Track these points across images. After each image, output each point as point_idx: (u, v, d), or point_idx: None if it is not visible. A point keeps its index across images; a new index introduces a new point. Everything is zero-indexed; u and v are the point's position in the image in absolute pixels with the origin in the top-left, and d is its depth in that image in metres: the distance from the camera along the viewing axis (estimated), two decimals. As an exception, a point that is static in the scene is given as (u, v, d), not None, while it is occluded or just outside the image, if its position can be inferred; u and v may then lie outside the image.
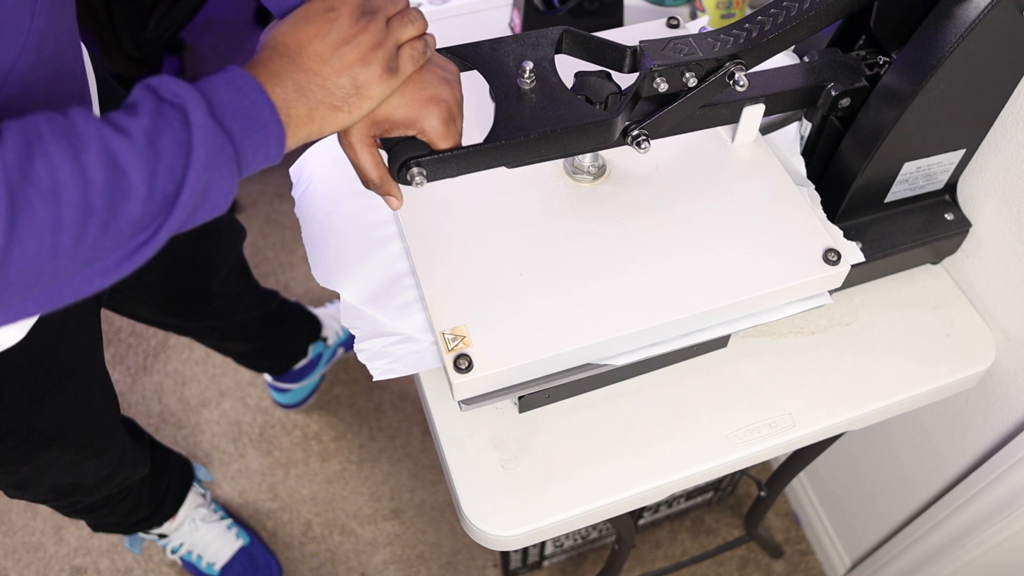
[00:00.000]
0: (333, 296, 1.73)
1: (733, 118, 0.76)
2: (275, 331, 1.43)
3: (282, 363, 1.52)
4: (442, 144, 0.60)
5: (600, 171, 0.77)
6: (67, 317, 0.77)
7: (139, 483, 1.19)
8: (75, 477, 1.00)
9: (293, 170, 0.85)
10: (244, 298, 1.28)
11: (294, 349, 1.52)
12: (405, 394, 1.68)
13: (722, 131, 0.80)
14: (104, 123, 0.44)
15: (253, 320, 1.34)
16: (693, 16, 1.07)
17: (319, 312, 1.61)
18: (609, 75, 0.68)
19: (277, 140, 0.51)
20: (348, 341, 1.66)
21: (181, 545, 1.40)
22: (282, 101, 0.52)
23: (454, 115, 0.60)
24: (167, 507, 1.32)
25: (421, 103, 0.58)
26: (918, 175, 0.80)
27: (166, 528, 1.36)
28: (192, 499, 1.37)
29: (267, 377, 1.60)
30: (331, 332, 1.61)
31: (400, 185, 0.62)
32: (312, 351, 1.57)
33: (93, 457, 0.99)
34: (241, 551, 1.43)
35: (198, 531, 1.39)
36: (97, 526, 1.25)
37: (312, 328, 1.55)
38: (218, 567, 1.42)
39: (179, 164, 0.45)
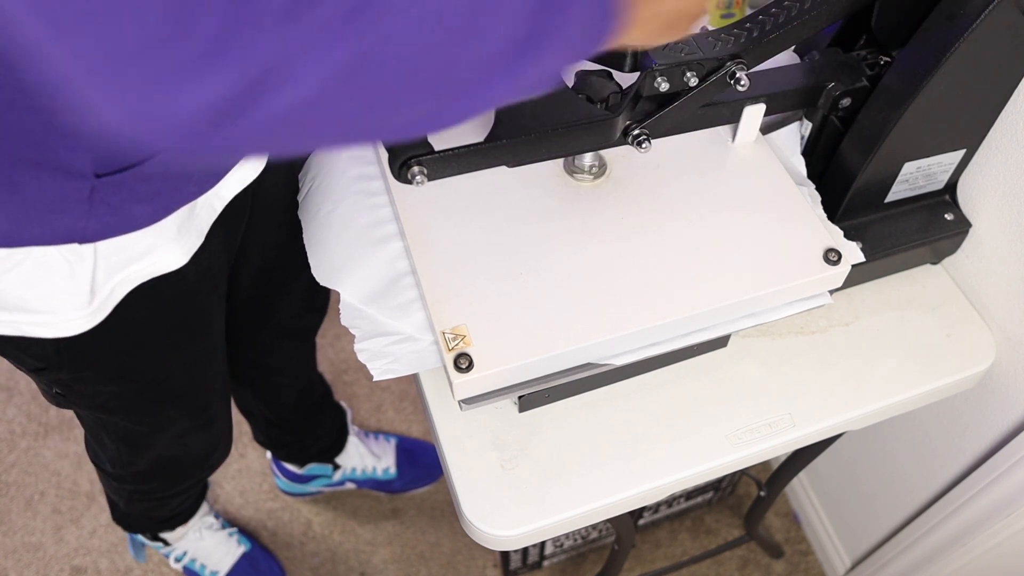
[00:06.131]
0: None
1: (734, 118, 0.76)
2: (307, 416, 1.37)
3: (296, 455, 1.46)
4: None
5: (600, 170, 0.77)
6: (210, 263, 0.78)
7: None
8: (180, 450, 1.01)
9: (301, 175, 0.85)
10: (296, 348, 1.22)
11: (314, 449, 1.45)
12: (405, 394, 1.68)
13: (722, 131, 0.80)
14: None
15: (290, 391, 1.29)
16: (693, 16, 1.07)
17: (351, 439, 1.50)
18: (610, 74, 0.68)
19: None
20: (361, 480, 1.53)
21: (185, 554, 1.39)
22: None
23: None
24: (191, 507, 1.32)
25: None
26: (918, 175, 0.80)
27: (174, 535, 1.35)
28: (202, 507, 1.37)
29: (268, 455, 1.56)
30: (348, 460, 1.50)
31: (401, 184, 0.62)
32: (317, 468, 1.49)
33: (204, 428, 0.99)
34: (243, 558, 1.43)
35: (202, 539, 1.38)
36: (128, 517, 1.23)
37: (336, 442, 1.47)
38: (221, 575, 1.41)
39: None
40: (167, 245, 0.69)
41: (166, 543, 1.37)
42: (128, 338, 0.76)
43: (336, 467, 1.49)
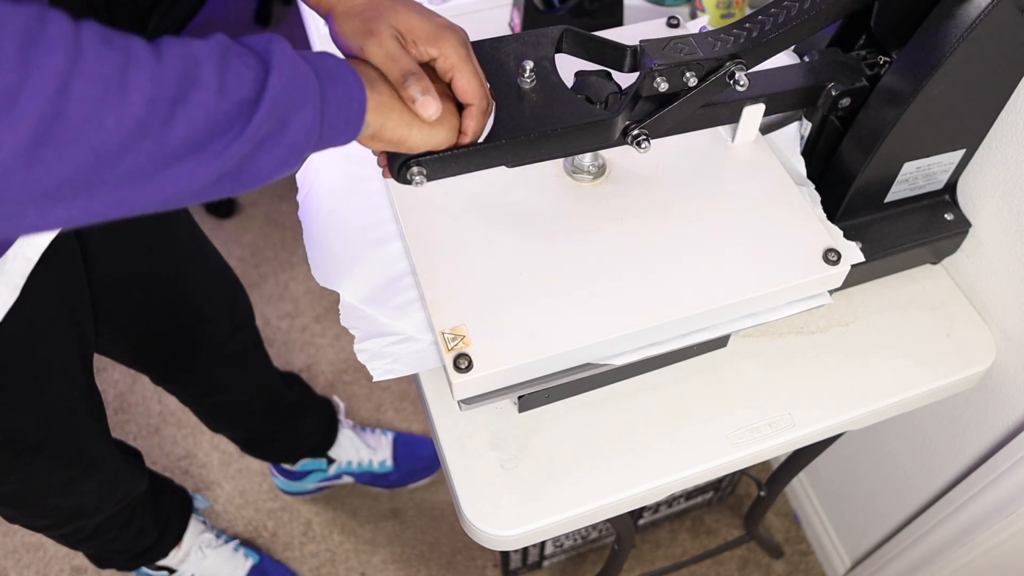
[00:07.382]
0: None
1: (733, 118, 0.76)
2: (282, 425, 1.34)
3: (286, 456, 1.45)
4: (465, 69, 0.57)
5: (600, 170, 0.77)
6: (35, 312, 0.76)
7: (142, 504, 1.17)
8: (76, 499, 0.99)
9: (299, 175, 0.85)
10: (243, 368, 1.18)
11: (302, 449, 1.43)
12: (405, 394, 1.68)
13: (722, 131, 0.80)
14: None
15: (253, 407, 1.25)
16: (693, 16, 1.07)
17: (346, 432, 1.49)
18: (609, 74, 0.68)
19: (359, 102, 0.50)
20: (357, 473, 1.52)
21: None
22: (364, 76, 0.52)
23: (469, 48, 0.59)
24: (172, 531, 1.29)
25: (442, 26, 0.57)
26: (918, 175, 0.80)
27: (173, 560, 1.32)
28: (195, 526, 1.35)
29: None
30: (342, 453, 1.49)
31: (400, 184, 0.62)
32: (311, 464, 1.48)
33: (89, 474, 0.97)
34: (253, 570, 1.41)
35: (206, 559, 1.36)
36: (101, 558, 1.21)
37: (325, 438, 1.45)
38: None
39: (257, 73, 0.44)
40: None
41: (171, 571, 1.34)
42: None
43: (330, 460, 1.48)
